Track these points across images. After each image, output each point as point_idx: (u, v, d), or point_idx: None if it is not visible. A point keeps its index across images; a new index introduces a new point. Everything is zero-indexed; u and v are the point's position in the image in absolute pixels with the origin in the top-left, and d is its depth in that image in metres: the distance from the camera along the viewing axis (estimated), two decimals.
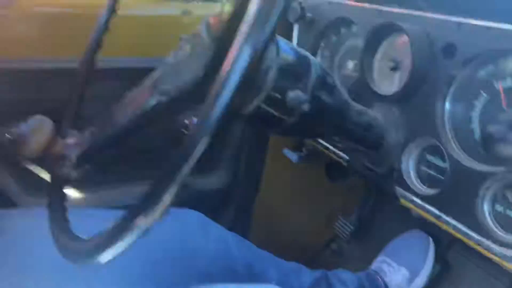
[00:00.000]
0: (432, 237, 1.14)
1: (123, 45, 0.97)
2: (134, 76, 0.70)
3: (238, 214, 1.19)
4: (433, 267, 1.12)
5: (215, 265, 0.80)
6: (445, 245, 1.16)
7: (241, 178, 1.15)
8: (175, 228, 0.79)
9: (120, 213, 0.41)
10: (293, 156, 1.08)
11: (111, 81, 0.96)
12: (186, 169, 0.37)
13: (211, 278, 0.79)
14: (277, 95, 0.53)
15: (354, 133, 0.67)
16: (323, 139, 0.67)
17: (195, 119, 1.06)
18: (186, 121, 1.08)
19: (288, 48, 0.54)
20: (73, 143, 0.57)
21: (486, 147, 0.62)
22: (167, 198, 0.39)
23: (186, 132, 1.07)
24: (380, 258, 1.17)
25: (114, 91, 0.92)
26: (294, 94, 0.53)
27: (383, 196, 1.34)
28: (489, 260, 1.09)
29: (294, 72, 0.54)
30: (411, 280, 1.10)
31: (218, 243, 0.83)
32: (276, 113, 0.55)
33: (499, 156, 0.58)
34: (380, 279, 1.10)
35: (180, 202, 0.88)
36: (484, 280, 1.08)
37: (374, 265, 1.16)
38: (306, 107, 0.54)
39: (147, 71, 0.69)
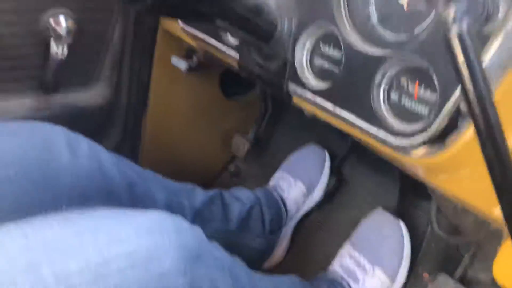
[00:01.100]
0: (327, 151, 1.14)
1: None
2: None
3: (125, 133, 1.08)
4: (329, 180, 1.12)
5: (88, 185, 0.70)
6: (340, 158, 1.16)
7: (125, 91, 1.02)
8: (33, 144, 0.67)
9: None
10: (181, 64, 0.97)
11: None
12: None
13: (85, 199, 0.69)
14: None
15: (242, 18, 0.58)
16: (207, 22, 0.58)
17: (62, 18, 0.89)
18: (52, 21, 0.91)
19: None
20: None
21: (382, 30, 0.57)
22: None
23: (52, 35, 0.91)
24: (277, 174, 1.14)
25: None
26: None
27: (279, 111, 1.30)
28: (379, 171, 1.12)
29: None
30: (308, 193, 1.09)
31: (89, 161, 0.72)
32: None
33: (393, 39, 0.53)
34: (277, 194, 1.07)
35: (52, 121, 0.75)
36: (374, 191, 1.10)
37: (272, 182, 1.13)
38: None
39: None
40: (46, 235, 0.46)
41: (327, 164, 1.13)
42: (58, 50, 0.90)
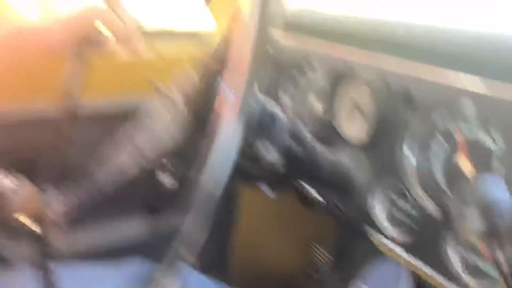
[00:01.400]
0: None
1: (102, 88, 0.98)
2: (113, 122, 0.68)
3: (217, 249, 1.19)
4: None
5: None
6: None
7: (218, 211, 1.14)
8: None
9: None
10: (270, 192, 1.08)
11: (90, 128, 0.97)
12: None
13: None
14: (253, 156, 0.56)
15: (326, 180, 0.69)
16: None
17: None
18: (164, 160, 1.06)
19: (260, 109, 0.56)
20: (61, 209, 0.59)
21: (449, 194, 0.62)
22: None
23: (158, 166, 1.06)
24: (357, 284, 1.18)
25: (95, 137, 0.91)
26: (269, 158, 0.56)
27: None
28: None
29: (266, 132, 0.56)
30: None
31: None
32: (254, 173, 0.58)
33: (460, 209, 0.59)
34: None
35: (154, 241, 0.88)
36: None
37: None
38: (282, 169, 0.57)
39: (127, 115, 0.67)
40: None
41: (403, 279, 1.14)
42: (163, 178, 1.05)
